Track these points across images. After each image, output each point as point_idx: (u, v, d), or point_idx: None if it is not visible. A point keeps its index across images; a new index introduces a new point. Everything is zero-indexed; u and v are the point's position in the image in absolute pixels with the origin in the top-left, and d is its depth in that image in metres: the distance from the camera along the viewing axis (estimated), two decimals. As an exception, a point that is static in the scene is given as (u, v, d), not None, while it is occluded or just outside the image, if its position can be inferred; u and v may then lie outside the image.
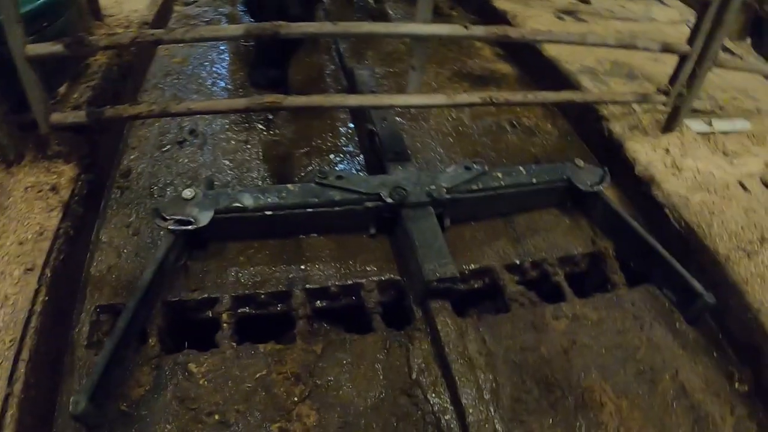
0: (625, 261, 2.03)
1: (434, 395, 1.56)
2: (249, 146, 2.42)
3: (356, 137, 2.51)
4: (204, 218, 1.78)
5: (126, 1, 3.02)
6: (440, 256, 1.69)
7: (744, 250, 1.89)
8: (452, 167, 1.94)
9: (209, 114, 2.30)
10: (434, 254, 1.70)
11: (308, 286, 1.80)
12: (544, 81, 2.84)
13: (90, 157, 2.02)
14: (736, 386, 1.72)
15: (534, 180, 2.01)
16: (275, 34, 1.63)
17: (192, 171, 2.27)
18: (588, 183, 2.05)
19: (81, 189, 1.90)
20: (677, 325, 1.85)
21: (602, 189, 2.06)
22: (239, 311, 1.79)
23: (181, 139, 2.43)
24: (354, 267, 1.85)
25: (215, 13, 3.49)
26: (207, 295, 1.77)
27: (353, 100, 1.76)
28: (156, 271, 1.67)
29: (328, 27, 1.61)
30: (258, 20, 2.14)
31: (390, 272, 1.84)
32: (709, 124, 2.39)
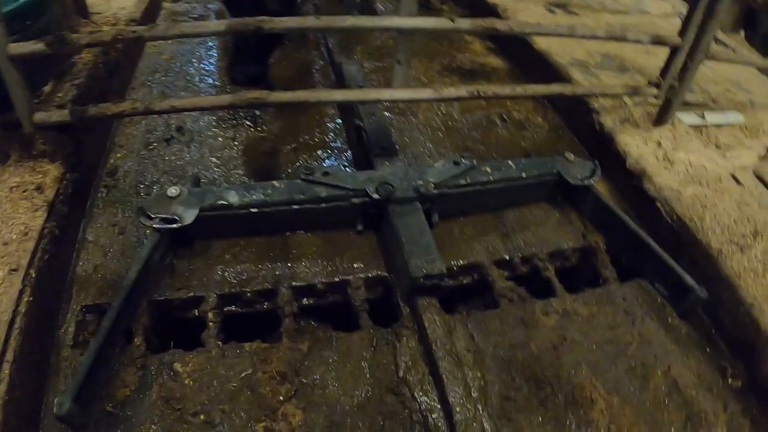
0: (617, 255, 2.01)
1: (421, 393, 1.54)
2: (236, 143, 2.39)
3: (344, 133, 2.48)
4: (189, 216, 1.76)
5: (114, -2, 2.99)
6: (427, 252, 1.67)
7: (737, 244, 1.87)
8: (440, 162, 1.92)
9: (193, 111, 2.27)
10: (421, 250, 1.68)
11: (294, 284, 1.78)
12: (535, 74, 2.81)
13: (75, 156, 1.99)
14: (729, 382, 1.70)
15: (523, 174, 1.98)
16: (258, 30, 1.61)
17: (179, 169, 2.25)
18: (578, 177, 2.03)
19: (66, 188, 1.88)
20: (669, 320, 1.83)
21: (593, 183, 2.04)
22: (225, 310, 1.78)
23: (169, 137, 2.40)
24: (341, 264, 1.83)
25: (204, 10, 3.46)
26: (193, 294, 1.75)
27: (338, 95, 1.73)
28: (141, 271, 1.65)
29: (311, 21, 1.58)
30: (236, 16, 2.11)
31: (377, 269, 1.82)
32: (702, 117, 2.36)
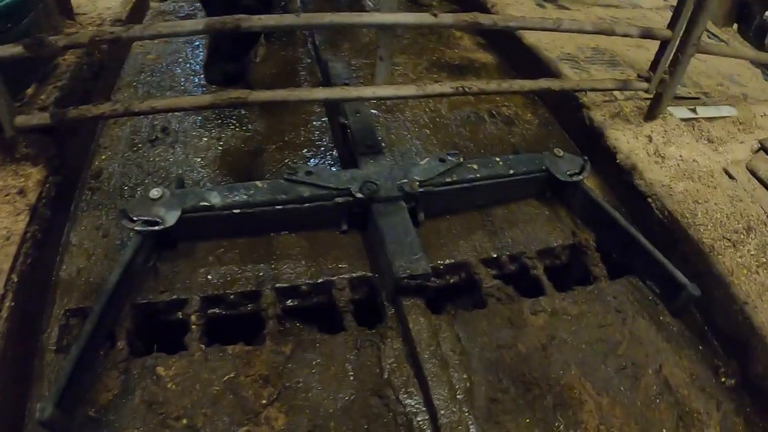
0: (607, 253, 1.97)
1: (406, 396, 1.51)
2: (221, 143, 2.36)
3: (330, 131, 2.45)
4: (171, 218, 1.74)
5: (100, -1, 2.96)
6: (411, 252, 1.64)
7: (729, 240, 1.84)
8: (426, 160, 1.88)
9: (173, 111, 2.24)
10: (405, 250, 1.65)
11: (278, 285, 1.76)
12: (524, 69, 2.78)
13: (59, 159, 1.98)
14: (723, 380, 1.68)
15: (511, 171, 1.95)
16: (237, 28, 1.58)
17: (163, 170, 2.22)
18: (567, 173, 1.99)
19: (49, 191, 1.86)
20: (661, 318, 1.80)
21: (582, 179, 2.00)
22: (209, 312, 1.76)
23: (154, 138, 2.38)
24: (325, 264, 1.80)
25: (191, 8, 3.42)
26: (176, 297, 1.73)
27: (319, 94, 1.70)
28: (122, 274, 1.63)
29: (290, 19, 1.55)
30: (210, 12, 2.08)
31: (362, 269, 1.79)
32: (694, 111, 2.33)
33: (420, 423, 1.45)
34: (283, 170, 1.83)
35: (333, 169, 2.16)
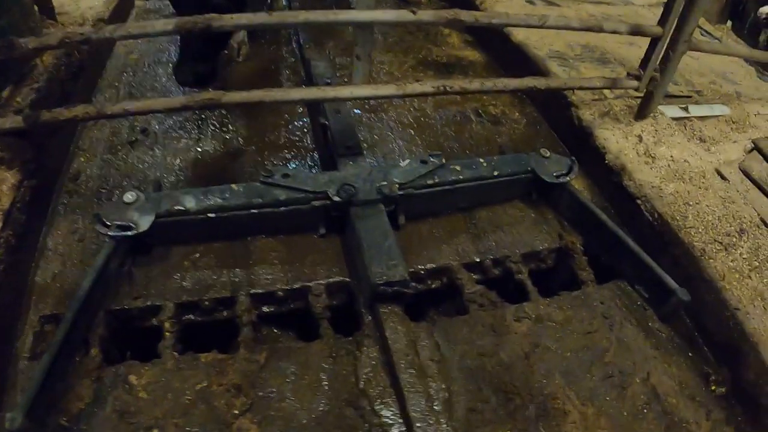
0: (595, 256, 1.92)
1: (382, 407, 1.46)
2: (201, 144, 2.31)
3: (312, 131, 2.39)
4: (144, 223, 1.70)
5: (83, -2, 2.90)
6: (389, 258, 1.58)
7: (721, 243, 1.79)
8: (406, 161, 1.83)
9: (146, 114, 2.19)
10: (383, 255, 1.59)
11: (253, 291, 1.71)
12: (512, 67, 2.71)
13: (35, 162, 1.94)
14: (713, 388, 1.63)
15: (495, 172, 1.89)
16: (207, 28, 1.53)
17: (142, 172, 2.18)
18: (554, 174, 1.93)
19: (24, 196, 1.81)
20: (650, 324, 1.74)
21: (569, 180, 1.94)
22: (184, 319, 1.72)
23: (133, 139, 2.33)
24: (302, 269, 1.75)
25: (178, 8, 3.37)
26: (150, 303, 1.69)
27: (296, 94, 1.64)
28: (95, 280, 1.59)
29: (262, 17, 1.50)
30: (180, 11, 2.03)
31: (340, 274, 1.74)
32: (686, 110, 2.27)
33: (395, 435, 1.40)
34: (259, 172, 1.77)
35: (310, 172, 2.11)
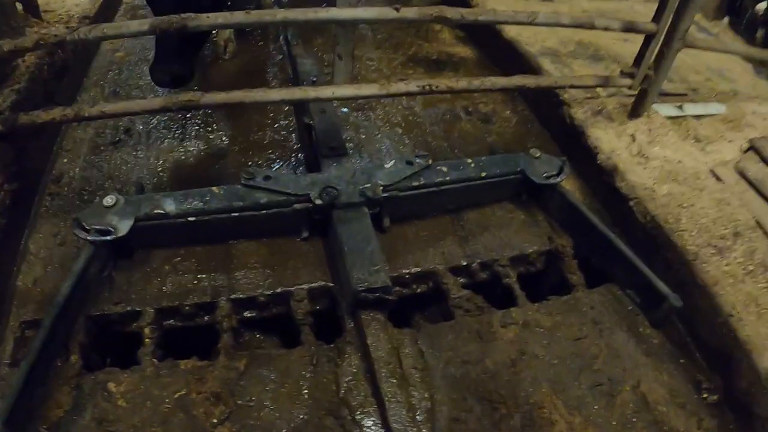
0: (586, 259, 1.87)
1: (363, 416, 1.42)
2: (185, 144, 2.27)
3: (297, 131, 2.34)
4: (123, 227, 1.67)
5: (69, -5, 2.85)
6: (371, 263, 1.54)
7: (715, 247, 1.74)
8: (391, 162, 1.78)
9: (123, 116, 2.15)
10: (365, 261, 1.55)
11: (234, 296, 1.68)
12: (504, 64, 2.66)
13: (17, 165, 1.89)
14: (704, 396, 1.59)
15: (483, 173, 1.84)
16: (183, 28, 1.49)
17: (124, 174, 2.14)
18: (544, 175, 1.88)
19: (4, 199, 1.78)
20: (641, 330, 1.70)
21: (559, 181, 1.89)
22: (165, 324, 1.68)
23: (117, 140, 2.29)
24: (284, 274, 1.71)
25: (166, 4, 3.31)
26: (130, 309, 1.65)
27: (276, 95, 1.60)
28: (74, 285, 1.56)
29: (239, 17, 1.45)
30: (155, 8, 1.99)
31: (323, 279, 1.69)
32: (681, 109, 2.21)
33: (376, 445, 1.36)
34: (240, 174, 1.73)
35: (292, 174, 2.06)
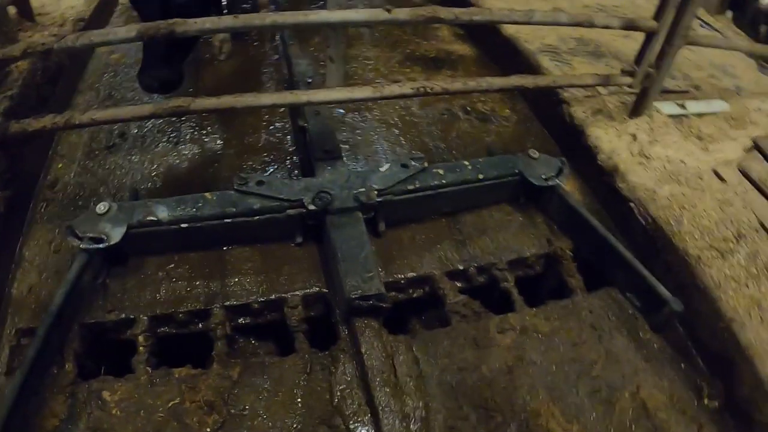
0: (585, 262, 1.83)
1: (356, 425, 1.41)
2: (179, 148, 2.25)
3: (292, 133, 2.31)
4: (116, 235, 1.66)
5: (64, -2, 2.83)
6: (365, 270, 1.52)
7: (717, 249, 1.70)
8: (386, 165, 1.75)
9: (114, 123, 2.13)
10: (359, 267, 1.53)
11: (228, 303, 1.66)
12: (503, 62, 2.62)
13: (10, 172, 1.88)
14: (705, 402, 1.56)
15: (481, 176, 1.82)
16: (171, 33, 1.47)
17: (119, 179, 2.12)
18: (543, 177, 1.85)
19: (-2, 207, 1.76)
20: (640, 334, 1.67)
21: (558, 183, 1.86)
22: (159, 331, 1.67)
23: (111, 144, 2.28)
24: (277, 280, 1.69)
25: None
26: (124, 316, 1.64)
27: (267, 99, 1.57)
28: (68, 293, 1.55)
29: (228, 21, 1.43)
30: (142, 13, 1.96)
31: (317, 285, 1.68)
32: (683, 107, 2.16)
33: (370, 455, 1.34)
34: (233, 179, 1.71)
35: (286, 179, 2.03)
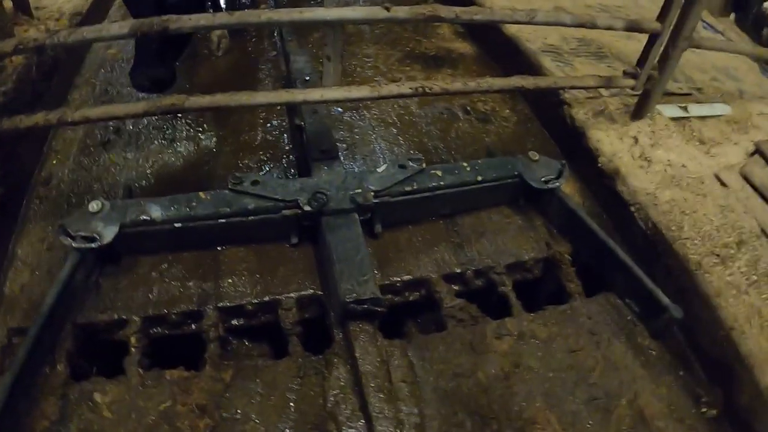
0: (585, 266, 1.81)
1: (350, 431, 1.38)
2: (174, 145, 2.22)
3: (289, 132, 2.29)
4: (108, 234, 1.63)
5: (61, -9, 2.80)
6: (360, 273, 1.49)
7: (718, 256, 1.68)
8: (384, 166, 1.73)
9: (106, 121, 2.10)
10: (354, 270, 1.50)
11: (221, 304, 1.63)
12: (504, 61, 2.58)
13: (3, 169, 1.86)
14: (704, 411, 1.53)
15: (479, 177, 1.79)
16: (164, 30, 1.43)
17: (113, 176, 2.10)
18: (542, 179, 1.82)
19: (-9, 204, 1.75)
20: (639, 341, 1.64)
21: (558, 185, 1.83)
22: (151, 332, 1.65)
23: (106, 140, 2.25)
24: (272, 282, 1.66)
25: None
26: (116, 317, 1.62)
27: (262, 98, 1.55)
28: (60, 293, 1.53)
29: (223, 18, 1.40)
30: (134, 11, 1.93)
31: (312, 287, 1.65)
32: (685, 110, 2.14)
33: (363, 462, 1.32)
34: (228, 179, 1.68)
35: (281, 178, 2.01)
